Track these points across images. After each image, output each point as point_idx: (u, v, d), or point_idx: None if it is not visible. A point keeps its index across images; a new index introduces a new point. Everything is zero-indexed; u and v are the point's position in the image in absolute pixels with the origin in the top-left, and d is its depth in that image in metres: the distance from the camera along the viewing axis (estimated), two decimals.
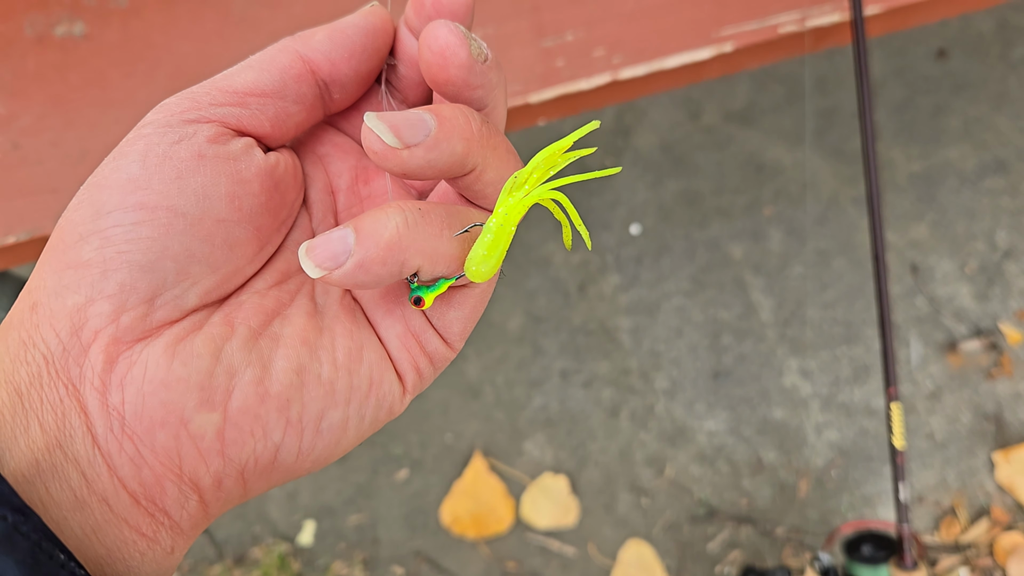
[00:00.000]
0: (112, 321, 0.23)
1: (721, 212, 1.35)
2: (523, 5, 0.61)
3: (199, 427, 0.23)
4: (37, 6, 0.63)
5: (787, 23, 0.61)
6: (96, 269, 0.23)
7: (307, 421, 0.25)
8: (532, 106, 0.60)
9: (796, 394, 1.28)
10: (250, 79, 0.26)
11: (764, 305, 1.31)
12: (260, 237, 0.26)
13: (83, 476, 0.22)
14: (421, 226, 0.24)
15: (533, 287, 1.33)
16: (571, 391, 1.28)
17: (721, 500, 1.24)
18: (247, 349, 0.24)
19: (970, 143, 1.38)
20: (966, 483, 1.24)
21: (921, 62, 1.42)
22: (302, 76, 0.27)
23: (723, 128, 1.38)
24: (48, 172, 0.61)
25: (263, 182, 0.26)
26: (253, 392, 0.24)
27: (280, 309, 0.26)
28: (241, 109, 0.26)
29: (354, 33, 0.28)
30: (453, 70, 0.25)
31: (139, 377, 0.23)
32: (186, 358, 0.23)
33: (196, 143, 0.25)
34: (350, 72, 0.28)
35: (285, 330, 0.25)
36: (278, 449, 0.24)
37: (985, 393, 1.27)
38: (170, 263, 0.24)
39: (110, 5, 0.63)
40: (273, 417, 0.24)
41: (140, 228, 0.23)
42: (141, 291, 0.23)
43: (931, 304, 1.31)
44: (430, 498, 1.24)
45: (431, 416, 1.28)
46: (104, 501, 0.22)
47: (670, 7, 0.61)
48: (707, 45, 0.60)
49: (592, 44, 0.60)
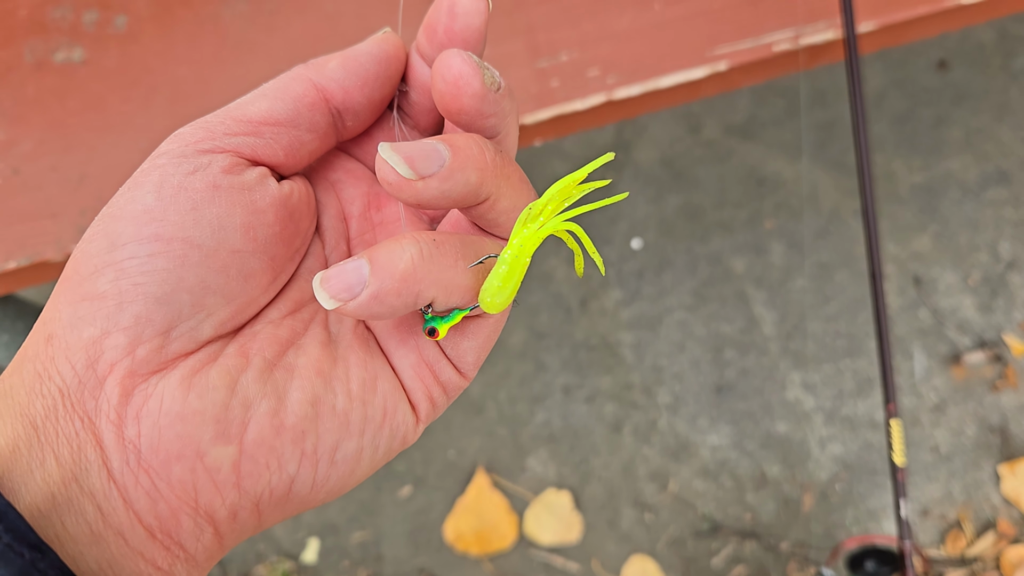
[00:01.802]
0: (128, 354, 0.23)
1: (722, 226, 1.35)
2: (518, 26, 0.62)
3: (215, 460, 0.23)
4: (37, 32, 0.64)
5: (781, 41, 0.61)
6: (111, 301, 0.23)
7: (322, 452, 0.25)
8: (528, 127, 0.60)
9: (799, 408, 1.27)
10: (264, 108, 0.26)
11: (766, 319, 1.31)
12: (274, 267, 0.26)
13: (99, 510, 0.22)
14: (436, 258, 0.24)
15: (535, 303, 1.33)
16: (573, 406, 1.28)
17: (725, 515, 1.23)
18: (262, 381, 0.24)
19: (972, 154, 1.38)
20: (972, 496, 1.23)
21: (922, 73, 1.42)
22: (316, 105, 0.27)
23: (724, 142, 1.38)
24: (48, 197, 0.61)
25: (278, 212, 0.26)
26: (269, 424, 0.24)
27: (294, 339, 0.26)
28: (255, 139, 0.26)
29: (367, 61, 0.28)
30: (466, 100, 0.25)
31: (155, 410, 0.23)
32: (202, 391, 0.23)
33: (211, 173, 0.25)
34: (363, 100, 0.28)
35: (299, 360, 0.25)
36: (293, 481, 0.24)
37: (990, 405, 1.26)
38: (185, 295, 0.24)
39: (108, 30, 0.64)
40: (288, 449, 0.24)
41: (155, 260, 0.23)
42: (157, 323, 0.23)
43: (934, 316, 1.31)
44: (434, 515, 1.24)
45: (434, 432, 1.28)
46: (120, 535, 0.22)
47: (664, 27, 0.61)
48: (702, 64, 0.61)
49: (587, 64, 0.61)
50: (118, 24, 0.64)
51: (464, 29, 0.27)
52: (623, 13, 0.61)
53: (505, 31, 0.62)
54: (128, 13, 0.64)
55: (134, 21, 0.64)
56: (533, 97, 0.60)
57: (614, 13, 0.61)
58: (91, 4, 0.64)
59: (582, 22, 0.61)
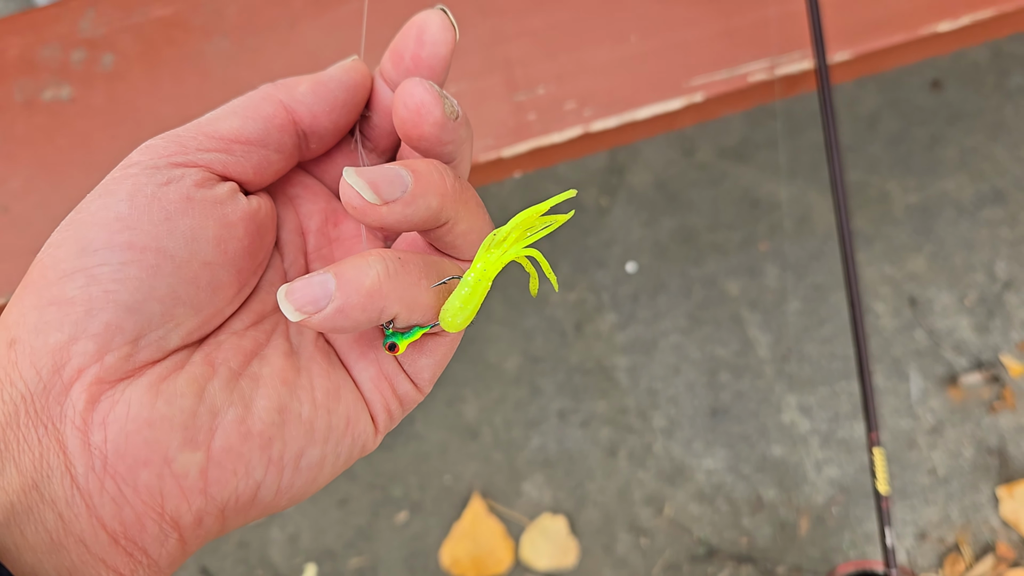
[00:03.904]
0: (96, 360, 0.23)
1: (717, 248, 1.35)
2: (496, 60, 0.62)
3: (183, 466, 0.23)
4: (26, 72, 0.65)
5: (756, 72, 0.61)
6: (81, 307, 0.23)
7: (288, 459, 0.25)
8: (506, 160, 0.61)
9: (795, 431, 1.27)
10: (236, 126, 0.27)
11: (761, 341, 1.31)
12: (240, 279, 0.27)
13: (60, 517, 0.22)
14: (401, 275, 0.25)
15: (530, 327, 1.33)
16: (569, 431, 1.28)
17: (721, 539, 1.23)
18: (229, 389, 0.24)
19: (967, 174, 1.38)
20: (970, 519, 1.22)
21: (915, 93, 1.43)
22: (284, 127, 0.28)
23: (717, 164, 1.39)
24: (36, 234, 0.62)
25: (247, 226, 0.27)
26: (236, 431, 0.24)
27: (258, 349, 0.27)
28: (227, 156, 0.27)
29: (337, 88, 0.29)
30: (427, 127, 0.26)
31: (123, 416, 0.23)
32: (170, 397, 0.23)
33: (184, 186, 0.25)
34: (329, 125, 0.29)
35: (264, 370, 0.26)
36: (259, 487, 0.25)
37: (987, 427, 1.26)
38: (156, 304, 0.24)
39: (96, 69, 0.65)
40: (256, 456, 0.24)
41: (128, 268, 0.24)
42: (126, 332, 0.23)
43: (930, 337, 1.30)
44: (430, 540, 1.24)
45: (430, 458, 1.28)
46: (81, 542, 0.22)
47: (640, 59, 0.62)
48: (678, 96, 0.61)
49: (563, 97, 0.61)
50: (105, 63, 0.65)
51: (431, 57, 0.28)
52: (599, 46, 0.62)
53: (483, 65, 0.63)
54: (115, 52, 0.65)
55: (121, 60, 0.65)
56: (511, 131, 0.61)
57: (590, 46, 0.62)
58: (79, 43, 0.66)
59: (559, 55, 0.62)
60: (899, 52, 0.64)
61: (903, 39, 0.62)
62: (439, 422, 1.29)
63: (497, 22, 0.63)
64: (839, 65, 0.62)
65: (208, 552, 1.24)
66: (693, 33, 0.62)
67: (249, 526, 1.25)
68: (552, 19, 0.63)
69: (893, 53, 0.63)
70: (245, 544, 1.25)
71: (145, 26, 0.65)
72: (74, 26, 0.66)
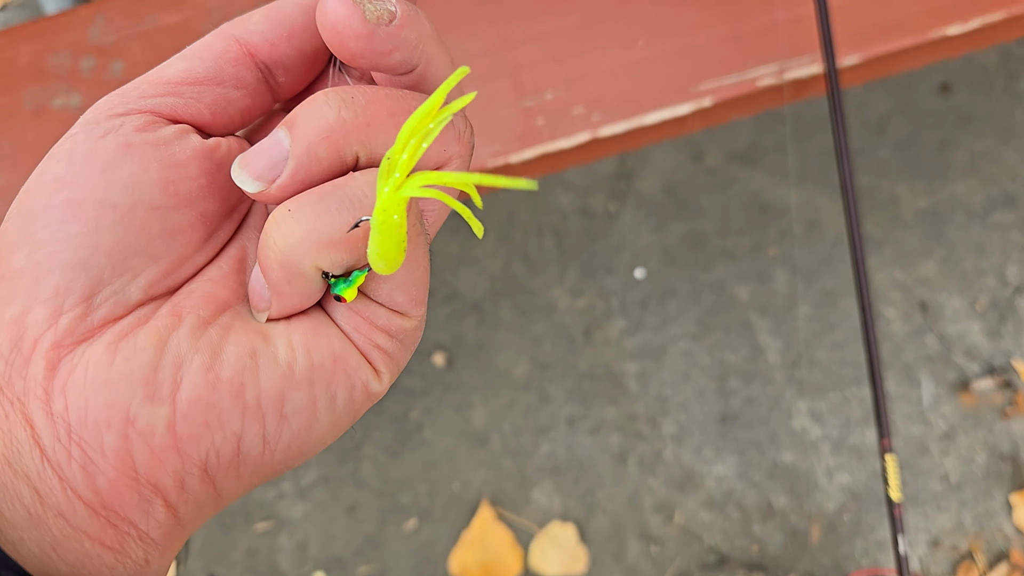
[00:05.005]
0: (50, 326, 0.22)
1: (726, 254, 1.35)
2: (504, 66, 0.62)
3: (148, 423, 0.22)
4: (36, 79, 0.66)
5: (765, 76, 0.61)
6: (29, 276, 0.22)
7: (267, 406, 0.23)
8: (514, 166, 0.61)
9: (806, 437, 1.26)
10: (182, 68, 0.25)
11: (771, 347, 1.30)
12: (206, 223, 0.25)
13: (35, 491, 0.21)
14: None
15: (538, 333, 1.33)
16: (578, 438, 1.28)
17: (732, 547, 1.22)
18: (195, 337, 0.23)
19: (977, 177, 1.37)
20: (983, 526, 1.21)
21: (925, 97, 1.42)
22: (239, 60, 0.25)
23: (726, 169, 1.39)
24: None
25: (201, 164, 0.25)
26: (203, 380, 0.22)
27: (234, 301, 0.25)
28: (174, 99, 0.25)
29: (293, 11, 0.26)
30: (352, 43, 0.23)
31: (80, 380, 0.21)
32: (128, 353, 0.22)
33: (122, 134, 0.23)
34: (292, 53, 0.26)
35: (236, 322, 0.24)
36: (240, 439, 0.23)
37: (1000, 433, 1.25)
38: (104, 258, 0.23)
39: (105, 76, 0.65)
40: (228, 404, 0.22)
41: (68, 225, 0.22)
42: (77, 291, 0.22)
43: (941, 342, 1.30)
44: (439, 548, 1.24)
45: (439, 465, 1.27)
46: (60, 515, 0.21)
47: (648, 64, 0.62)
48: (686, 100, 0.61)
49: (571, 103, 0.61)
50: (114, 70, 0.65)
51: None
52: (608, 51, 0.62)
53: (491, 71, 0.63)
54: (124, 59, 0.65)
55: (129, 67, 0.65)
56: (519, 136, 0.61)
57: (598, 51, 0.62)
58: (88, 51, 0.66)
59: (567, 61, 0.62)
60: (908, 56, 0.63)
61: (912, 43, 0.62)
62: (448, 429, 1.29)
63: (505, 27, 0.63)
64: (848, 69, 0.62)
65: (216, 559, 1.24)
66: (701, 38, 0.62)
67: (257, 534, 1.25)
68: (560, 24, 0.63)
69: (902, 57, 0.63)
70: (254, 552, 1.24)
71: (154, 34, 0.66)
72: (84, 34, 0.66)
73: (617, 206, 1.38)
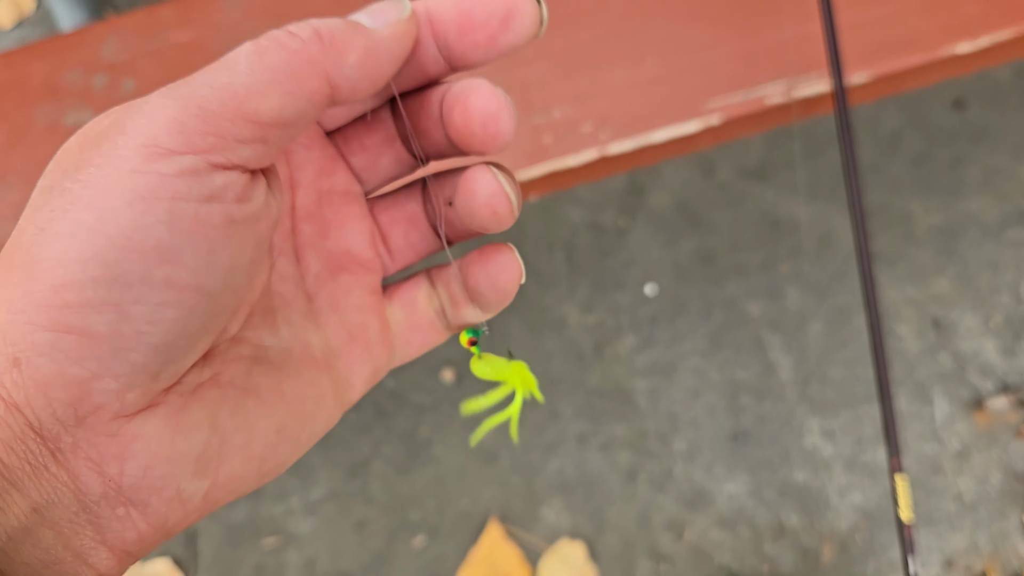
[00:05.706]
0: (118, 399, 0.22)
1: (737, 270, 1.34)
2: (512, 83, 0.63)
3: (191, 494, 0.24)
4: (49, 96, 0.66)
5: (773, 94, 0.61)
6: (107, 344, 0.21)
7: (270, 468, 0.26)
8: (522, 183, 0.61)
9: (818, 455, 1.25)
10: (276, 107, 0.22)
11: (783, 364, 1.29)
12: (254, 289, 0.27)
13: (60, 534, 0.22)
14: None
15: (548, 349, 1.32)
16: (588, 455, 1.27)
17: (742, 565, 1.21)
18: (236, 414, 0.25)
19: (991, 194, 1.36)
20: (998, 547, 1.19)
21: (938, 113, 1.41)
22: (323, 104, 0.23)
23: (737, 185, 1.38)
24: None
25: (271, 237, 0.25)
26: (240, 457, 0.25)
27: (253, 353, 0.26)
28: (263, 146, 0.22)
29: (387, 62, 0.24)
30: (502, 142, 0.24)
31: (142, 451, 0.22)
32: (187, 433, 0.23)
33: (227, 205, 0.22)
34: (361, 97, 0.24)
35: (263, 381, 0.26)
36: (244, 488, 0.26)
37: (1015, 452, 1.23)
38: (184, 341, 0.22)
39: (117, 93, 0.66)
40: (253, 476, 0.25)
41: (165, 310, 0.21)
42: (152, 369, 0.22)
43: (955, 360, 1.28)
44: (447, 565, 1.23)
45: (447, 481, 1.27)
46: (78, 555, 0.22)
47: (657, 81, 0.62)
48: (694, 118, 0.61)
49: (580, 120, 0.61)
50: (126, 87, 0.66)
51: (506, 47, 0.25)
52: (615, 68, 0.62)
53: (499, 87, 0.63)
54: (136, 76, 0.66)
55: (141, 84, 0.66)
56: (527, 153, 0.61)
57: (606, 69, 0.62)
58: (101, 68, 0.66)
59: (575, 78, 0.62)
60: (918, 73, 0.63)
61: (922, 60, 0.62)
62: (456, 445, 1.28)
63: None
64: (857, 87, 0.62)
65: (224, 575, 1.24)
66: (710, 55, 0.62)
67: (265, 550, 1.25)
68: (569, 41, 0.63)
69: (912, 74, 0.63)
70: (262, 567, 1.24)
71: (166, 51, 0.66)
72: (96, 51, 0.67)
73: (628, 222, 1.38)
